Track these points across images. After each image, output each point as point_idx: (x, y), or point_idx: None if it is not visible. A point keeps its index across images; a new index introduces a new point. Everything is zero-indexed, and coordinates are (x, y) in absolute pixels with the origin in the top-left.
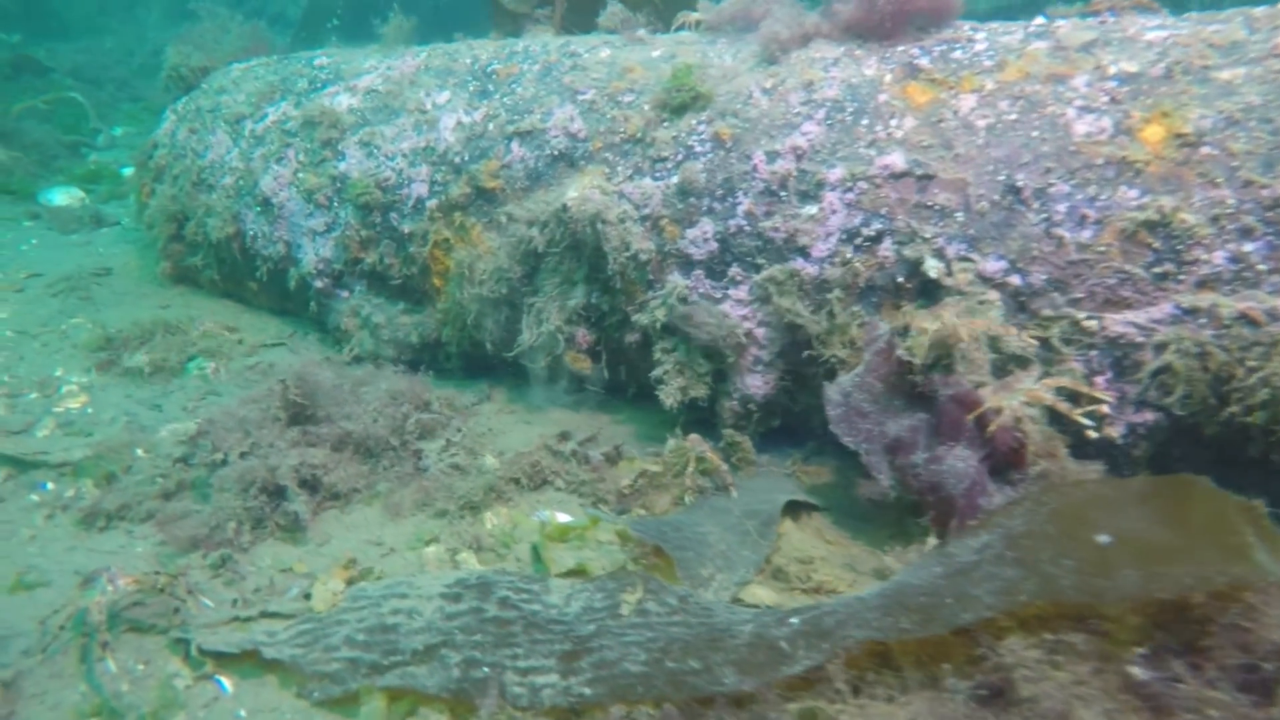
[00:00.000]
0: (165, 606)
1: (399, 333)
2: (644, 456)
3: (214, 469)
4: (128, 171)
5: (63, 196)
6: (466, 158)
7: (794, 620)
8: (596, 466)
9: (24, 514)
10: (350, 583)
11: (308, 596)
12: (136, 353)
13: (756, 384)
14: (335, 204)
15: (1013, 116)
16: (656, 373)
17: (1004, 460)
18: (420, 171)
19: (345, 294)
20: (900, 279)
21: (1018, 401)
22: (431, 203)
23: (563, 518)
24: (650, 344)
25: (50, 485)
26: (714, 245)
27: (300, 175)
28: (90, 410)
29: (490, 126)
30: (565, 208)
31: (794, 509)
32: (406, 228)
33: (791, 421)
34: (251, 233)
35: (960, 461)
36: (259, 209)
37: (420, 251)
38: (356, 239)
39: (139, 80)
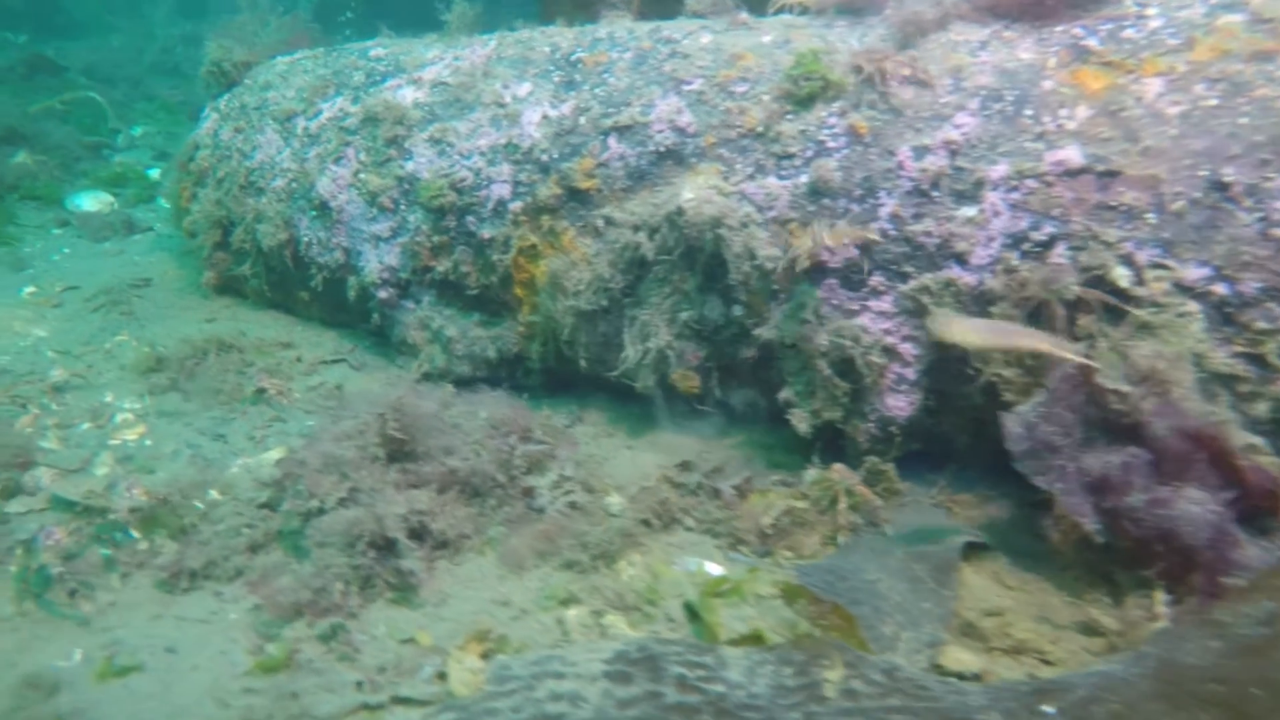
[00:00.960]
0: (280, 690)
1: (474, 347)
2: (776, 488)
3: (309, 518)
4: (154, 173)
5: (91, 201)
6: (555, 155)
7: (1048, 710)
8: (729, 501)
9: (97, 574)
10: (485, 656)
11: (443, 676)
12: (192, 375)
13: (899, 405)
14: (402, 207)
15: (1213, 102)
16: (786, 394)
17: (1253, 504)
18: (501, 171)
19: (411, 305)
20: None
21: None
22: (515, 205)
23: (712, 568)
24: (768, 360)
25: (121, 536)
26: (852, 252)
27: (362, 176)
28: (149, 442)
29: (582, 121)
30: (680, 211)
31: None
32: (486, 233)
33: (928, 443)
34: (306, 239)
35: (1196, 505)
36: (315, 213)
37: (502, 259)
38: (427, 245)
39: (152, 79)
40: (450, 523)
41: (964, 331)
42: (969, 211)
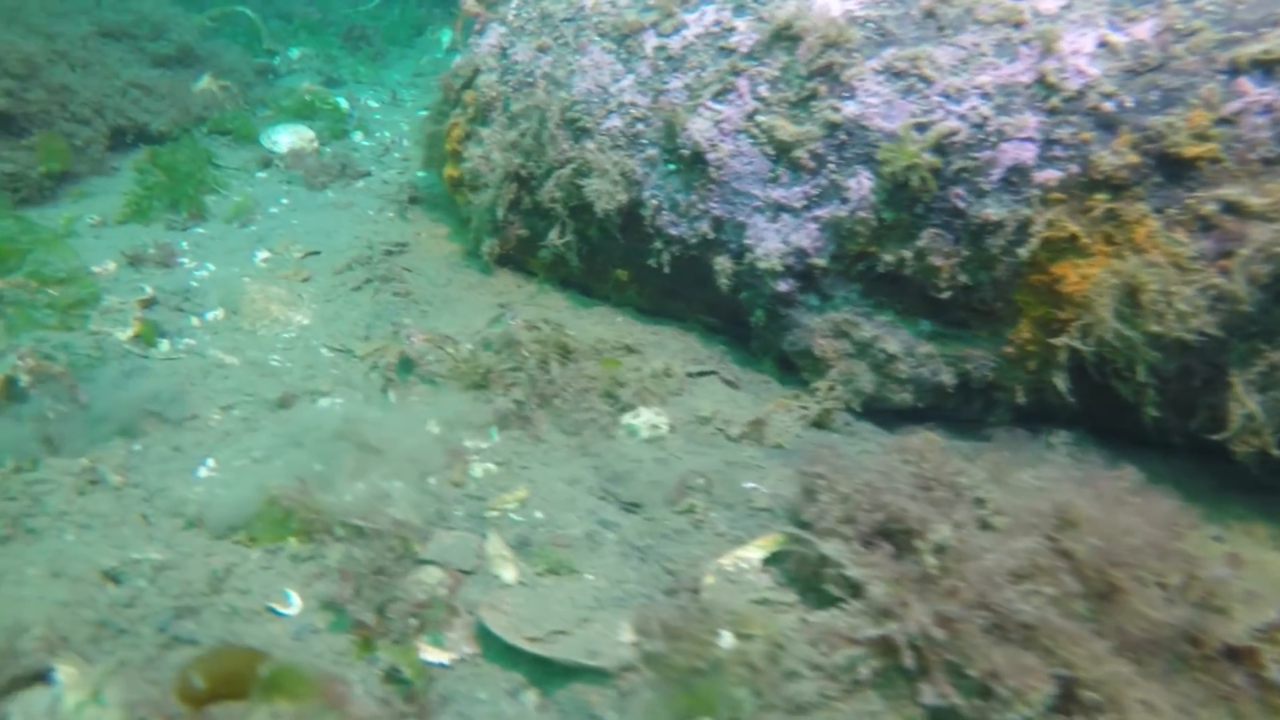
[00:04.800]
0: None
1: (924, 369)
2: None
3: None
4: (343, 103)
5: (291, 138)
6: (1131, 104)
7: None
8: None
9: None
10: None
11: None
12: (544, 398)
13: None
14: (831, 166)
15: None
16: None
17: None
18: (1022, 123)
19: (817, 303)
20: None
21: None
22: (1045, 175)
23: None
24: None
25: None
26: None
27: (763, 119)
28: (540, 514)
29: (1179, 49)
30: None
31: None
32: (986, 212)
33: None
34: (654, 201)
35: None
36: (675, 167)
37: (1010, 252)
38: (872, 224)
39: None
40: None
41: None
42: None
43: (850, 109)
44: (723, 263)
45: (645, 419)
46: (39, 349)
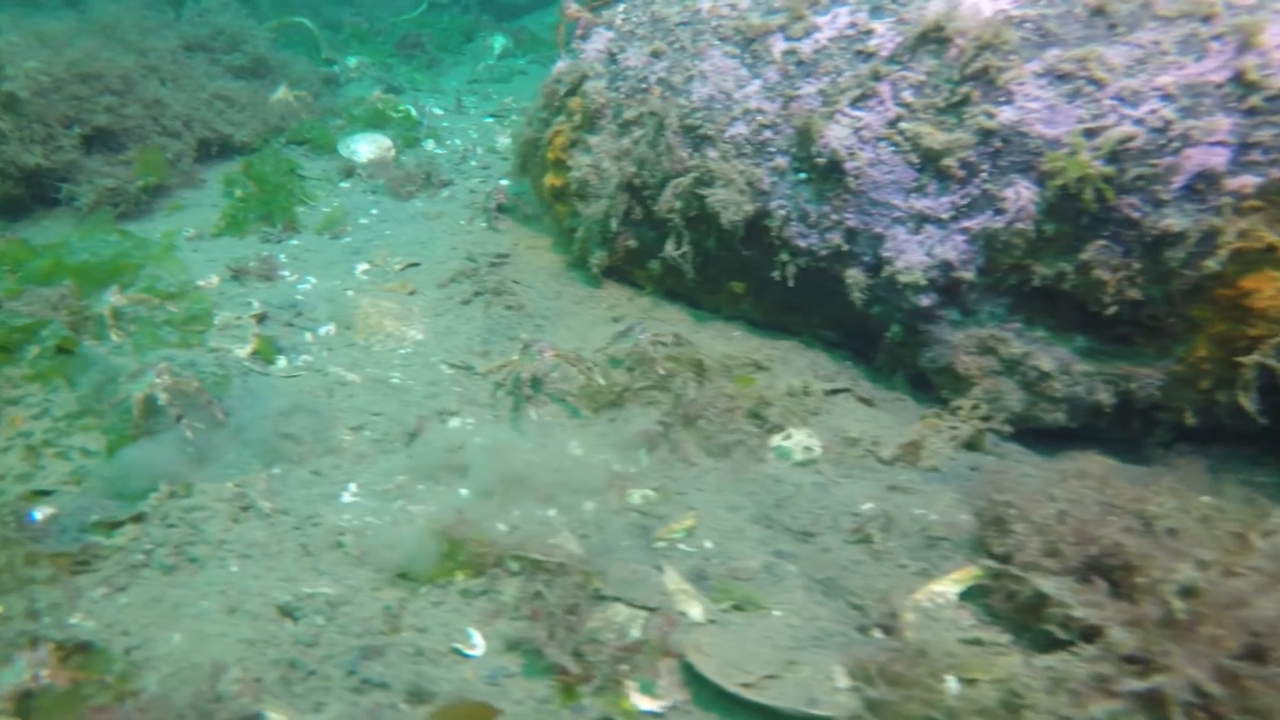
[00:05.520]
0: None
1: (1078, 387)
2: None
3: None
4: (412, 110)
5: (371, 147)
6: None
7: None
8: None
9: None
10: None
11: None
12: (688, 420)
13: None
14: (983, 176)
15: None
16: None
17: None
18: (1211, 126)
19: (959, 317)
20: None
21: None
22: (1239, 182)
23: None
24: None
25: None
26: None
27: (907, 126)
28: (710, 544)
29: None
30: None
31: None
32: (1165, 223)
33: None
34: (782, 212)
35: None
36: (807, 176)
37: (1194, 265)
38: (1030, 236)
39: (329, 6)
40: None
41: None
42: None
43: (1007, 115)
44: (855, 275)
45: (797, 441)
46: (171, 368)
